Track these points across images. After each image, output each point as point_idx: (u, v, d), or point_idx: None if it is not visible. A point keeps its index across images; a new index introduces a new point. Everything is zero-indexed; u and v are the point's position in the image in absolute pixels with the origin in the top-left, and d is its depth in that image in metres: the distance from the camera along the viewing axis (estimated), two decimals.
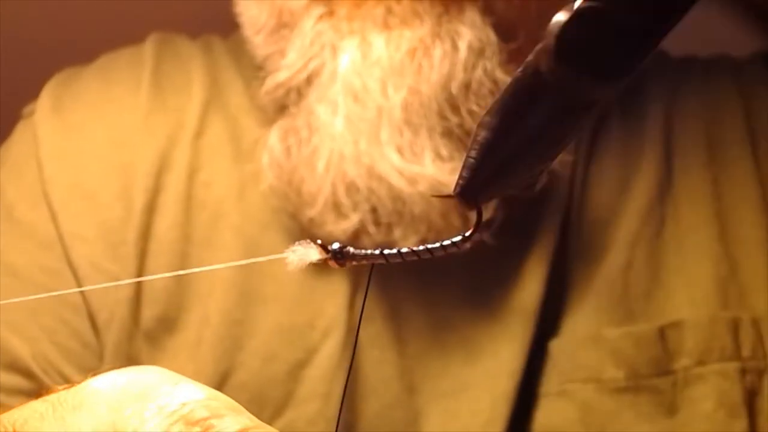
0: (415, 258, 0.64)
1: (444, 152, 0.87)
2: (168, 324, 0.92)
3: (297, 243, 0.64)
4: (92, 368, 0.89)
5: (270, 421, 0.87)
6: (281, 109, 0.92)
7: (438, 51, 0.87)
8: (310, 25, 0.89)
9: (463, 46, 0.87)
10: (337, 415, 0.87)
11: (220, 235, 0.93)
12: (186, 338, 0.92)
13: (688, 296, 0.91)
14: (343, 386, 0.88)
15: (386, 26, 0.88)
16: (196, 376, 0.83)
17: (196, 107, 0.98)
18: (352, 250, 0.64)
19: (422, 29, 0.87)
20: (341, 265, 0.64)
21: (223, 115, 0.98)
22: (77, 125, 0.98)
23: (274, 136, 0.91)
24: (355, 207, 0.87)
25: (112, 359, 0.92)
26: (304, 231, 0.90)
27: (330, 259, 0.64)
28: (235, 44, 1.00)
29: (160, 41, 1.03)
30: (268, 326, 0.91)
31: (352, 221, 0.88)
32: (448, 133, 0.87)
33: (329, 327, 0.91)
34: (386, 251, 0.64)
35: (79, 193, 0.96)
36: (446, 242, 0.62)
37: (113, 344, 0.92)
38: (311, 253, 0.64)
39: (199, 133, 0.97)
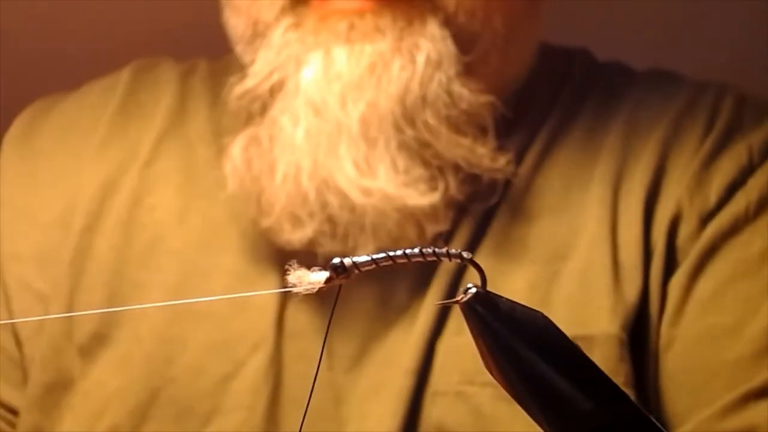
0: (421, 259, 0.63)
1: (400, 165, 0.91)
2: (101, 339, 0.96)
3: (294, 269, 0.62)
4: (17, 380, 0.98)
5: (197, 431, 0.93)
6: (249, 118, 0.96)
7: (396, 65, 0.91)
8: (278, 35, 0.94)
9: (420, 59, 0.91)
10: (263, 425, 0.93)
11: (158, 258, 0.98)
12: (115, 354, 0.96)
13: (610, 313, 0.94)
14: (267, 398, 0.93)
15: (349, 40, 0.92)
16: (123, 391, 0.94)
17: (152, 137, 1.02)
18: (353, 259, 0.62)
19: (383, 44, 0.92)
20: (346, 277, 0.62)
21: (180, 144, 1.02)
22: (40, 151, 1.04)
23: (236, 147, 0.94)
24: (311, 217, 0.92)
25: (40, 370, 0.97)
26: (255, 246, 0.96)
27: (334, 277, 0.61)
28: (223, 66, 1.04)
29: (139, 68, 1.07)
30: (199, 342, 0.95)
31: (307, 230, 0.92)
32: (404, 146, 0.92)
33: (258, 342, 0.95)
34: (391, 253, 0.63)
35: (22, 216, 1.01)
36: (454, 251, 0.63)
37: (41, 357, 0.97)
38: (314, 277, 0.61)
39: (149, 162, 1.01)
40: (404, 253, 0.63)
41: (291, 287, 0.61)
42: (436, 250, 0.62)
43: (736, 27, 1.27)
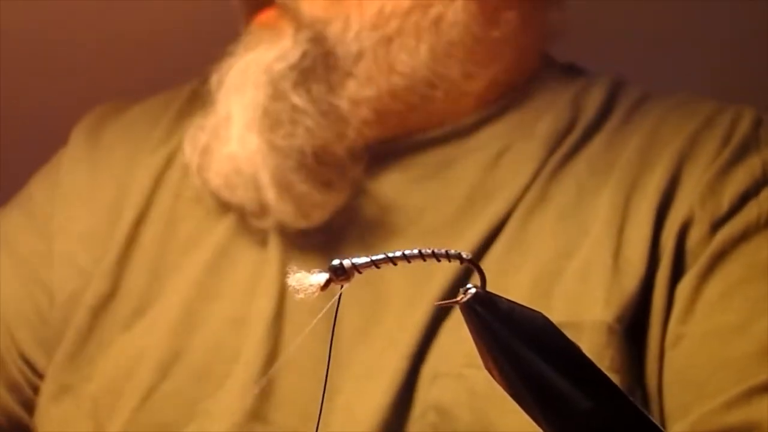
0: (420, 260, 0.64)
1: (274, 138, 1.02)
2: (140, 312, 1.06)
3: (294, 272, 0.62)
4: (42, 338, 1.07)
5: (213, 392, 1.02)
6: None
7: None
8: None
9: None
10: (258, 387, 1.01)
11: (198, 245, 1.07)
12: (149, 321, 1.05)
13: (603, 303, 0.97)
14: (261, 365, 1.01)
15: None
16: (151, 350, 1.03)
17: None
18: (352, 261, 0.62)
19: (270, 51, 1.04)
20: (346, 279, 0.62)
21: None
22: (102, 144, 1.13)
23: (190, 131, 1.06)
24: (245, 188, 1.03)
25: (78, 335, 1.05)
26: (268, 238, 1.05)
27: (334, 279, 0.62)
28: None
29: (206, 78, 1.12)
30: (218, 317, 1.04)
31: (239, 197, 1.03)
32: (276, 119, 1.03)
33: (260, 321, 1.03)
34: (390, 254, 0.64)
35: (77, 198, 1.11)
36: (453, 252, 0.64)
37: (81, 324, 1.05)
38: (314, 279, 0.62)
39: None
40: (403, 254, 0.63)
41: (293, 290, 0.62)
42: (435, 250, 0.63)
43: (734, 31, 1.27)
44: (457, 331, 0.98)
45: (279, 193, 1.01)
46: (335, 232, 1.04)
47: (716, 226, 0.99)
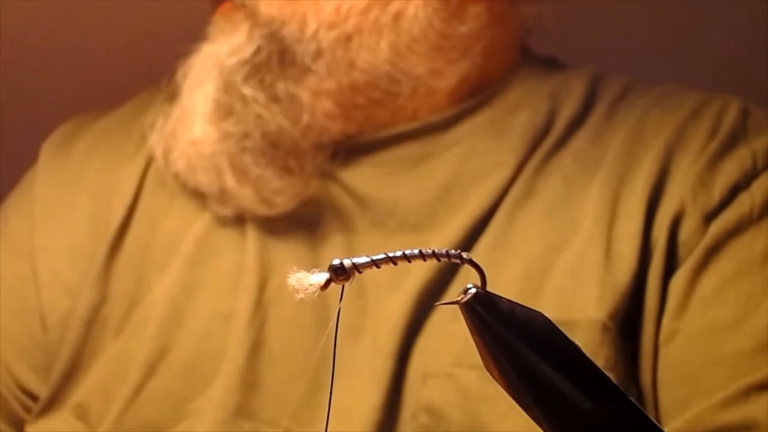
0: (420, 258, 0.64)
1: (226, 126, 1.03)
2: (129, 314, 1.05)
3: (294, 272, 0.62)
4: (40, 365, 1.06)
5: (203, 389, 1.01)
6: None
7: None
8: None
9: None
10: (244, 380, 1.01)
11: (180, 240, 1.06)
12: (137, 321, 1.04)
13: (597, 301, 0.97)
14: (246, 358, 1.01)
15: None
16: (138, 350, 1.02)
17: None
18: (353, 260, 0.62)
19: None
20: (346, 279, 0.62)
21: None
22: (75, 156, 1.12)
23: (159, 120, 1.06)
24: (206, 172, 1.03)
25: (72, 351, 1.04)
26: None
27: (334, 279, 0.62)
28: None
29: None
30: (205, 311, 1.03)
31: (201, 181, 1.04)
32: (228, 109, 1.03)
33: (242, 314, 1.02)
34: (390, 254, 0.63)
35: (56, 213, 1.09)
36: (453, 252, 0.64)
37: (74, 340, 1.04)
38: (314, 279, 0.62)
39: None
40: (404, 254, 0.63)
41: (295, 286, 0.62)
42: (436, 250, 0.63)
43: (734, 31, 1.28)
44: (441, 328, 0.98)
45: (236, 176, 1.01)
46: (311, 224, 1.04)
47: (708, 218, 0.99)
